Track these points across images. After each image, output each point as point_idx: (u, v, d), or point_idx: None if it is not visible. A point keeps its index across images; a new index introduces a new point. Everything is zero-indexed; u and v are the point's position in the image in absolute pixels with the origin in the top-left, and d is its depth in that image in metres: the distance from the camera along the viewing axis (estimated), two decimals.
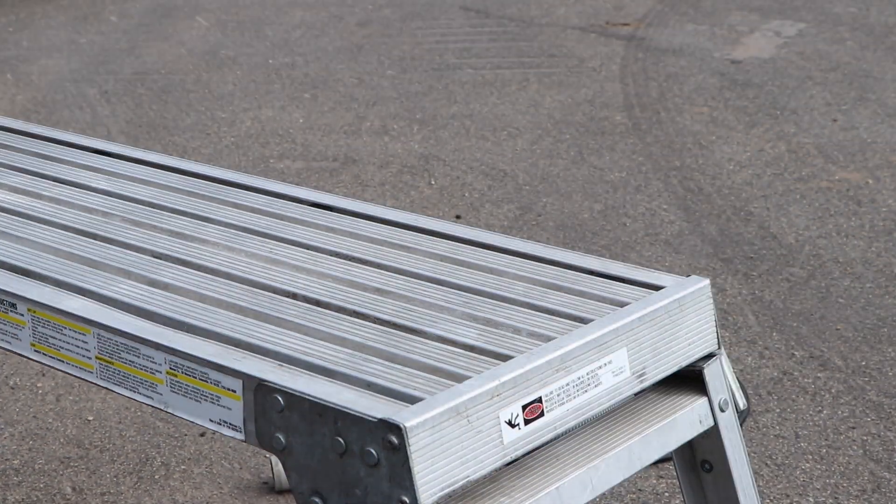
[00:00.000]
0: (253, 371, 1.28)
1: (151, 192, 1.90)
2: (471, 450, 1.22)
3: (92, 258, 1.64)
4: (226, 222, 1.79)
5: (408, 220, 1.76)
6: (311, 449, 1.23)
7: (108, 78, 5.77)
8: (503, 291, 1.55)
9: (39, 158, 2.11)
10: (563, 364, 1.31)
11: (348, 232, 1.74)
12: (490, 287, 1.56)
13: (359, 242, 1.70)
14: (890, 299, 3.47)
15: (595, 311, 1.45)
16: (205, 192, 1.91)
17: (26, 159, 2.11)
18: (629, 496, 2.61)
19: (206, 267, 1.62)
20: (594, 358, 1.35)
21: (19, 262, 1.62)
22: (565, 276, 1.59)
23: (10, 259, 1.63)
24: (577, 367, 1.33)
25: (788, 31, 6.42)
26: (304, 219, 1.79)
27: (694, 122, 5.03)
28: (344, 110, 5.28)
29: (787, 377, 3.07)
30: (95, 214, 1.82)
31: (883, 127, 4.94)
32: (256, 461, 2.75)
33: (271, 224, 1.78)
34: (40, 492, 2.67)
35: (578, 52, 6.10)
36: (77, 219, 1.79)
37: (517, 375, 1.26)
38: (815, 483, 2.65)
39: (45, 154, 2.13)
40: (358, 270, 1.61)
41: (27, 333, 1.48)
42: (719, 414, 1.50)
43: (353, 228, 1.75)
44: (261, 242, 1.71)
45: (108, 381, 1.41)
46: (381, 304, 1.50)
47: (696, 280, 1.52)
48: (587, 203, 4.20)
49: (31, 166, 2.06)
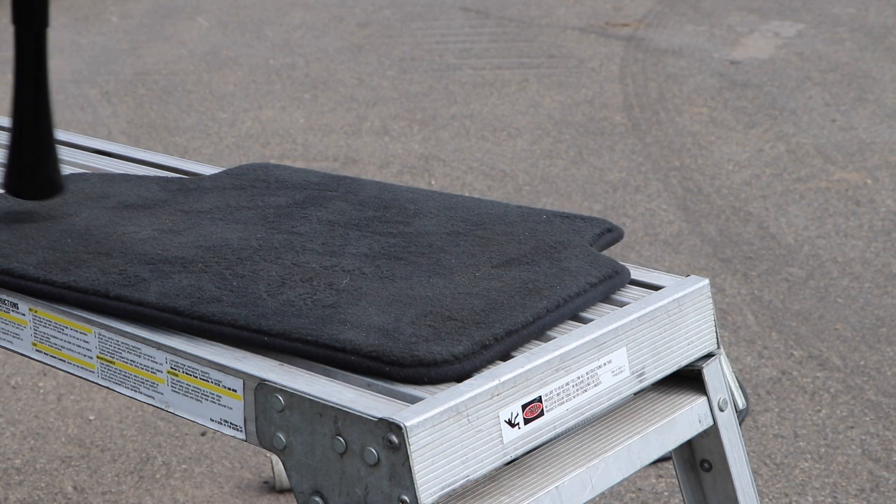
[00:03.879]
0: (253, 371, 1.28)
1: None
2: (471, 449, 1.22)
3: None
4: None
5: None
6: (312, 448, 1.23)
7: (109, 78, 5.77)
8: None
9: None
10: (563, 363, 1.32)
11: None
12: None
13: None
14: (888, 299, 3.48)
15: (594, 311, 1.46)
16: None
17: None
18: (629, 495, 2.62)
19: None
20: (594, 357, 1.36)
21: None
22: None
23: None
24: (577, 367, 1.34)
25: (787, 31, 6.42)
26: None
27: (693, 123, 5.04)
28: (344, 111, 5.28)
29: (786, 377, 3.08)
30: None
31: (882, 127, 4.95)
32: (257, 460, 2.76)
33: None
34: (42, 491, 2.68)
35: (578, 52, 6.10)
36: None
37: (517, 375, 1.27)
38: (813, 482, 2.66)
39: None
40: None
41: (28, 333, 1.48)
42: (718, 413, 1.50)
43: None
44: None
45: (110, 381, 1.42)
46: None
47: (696, 280, 1.52)
48: (587, 203, 4.20)
49: None
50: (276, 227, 1.62)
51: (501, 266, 1.48)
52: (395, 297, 1.39)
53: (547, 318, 1.38)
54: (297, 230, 1.61)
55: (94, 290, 1.42)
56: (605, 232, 1.62)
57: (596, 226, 1.62)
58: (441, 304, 1.37)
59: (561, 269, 1.47)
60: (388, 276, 1.45)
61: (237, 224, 1.62)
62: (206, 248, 1.53)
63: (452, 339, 1.29)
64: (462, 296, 1.39)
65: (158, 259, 1.49)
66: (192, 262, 1.48)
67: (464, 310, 1.35)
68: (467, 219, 1.64)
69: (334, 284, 1.42)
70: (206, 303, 1.37)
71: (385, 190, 1.76)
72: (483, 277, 1.45)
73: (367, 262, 1.48)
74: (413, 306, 1.36)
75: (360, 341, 1.28)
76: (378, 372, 1.25)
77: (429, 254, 1.52)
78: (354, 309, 1.35)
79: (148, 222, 1.64)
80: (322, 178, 1.82)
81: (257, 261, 1.50)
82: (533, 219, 1.64)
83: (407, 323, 1.32)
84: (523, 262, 1.50)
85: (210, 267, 1.47)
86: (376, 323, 1.32)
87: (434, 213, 1.66)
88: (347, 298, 1.38)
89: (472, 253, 1.52)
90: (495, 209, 1.67)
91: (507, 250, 1.53)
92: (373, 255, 1.51)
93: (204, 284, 1.42)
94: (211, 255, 1.51)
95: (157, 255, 1.51)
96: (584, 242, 1.56)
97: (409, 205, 1.69)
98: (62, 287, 1.44)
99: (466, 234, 1.59)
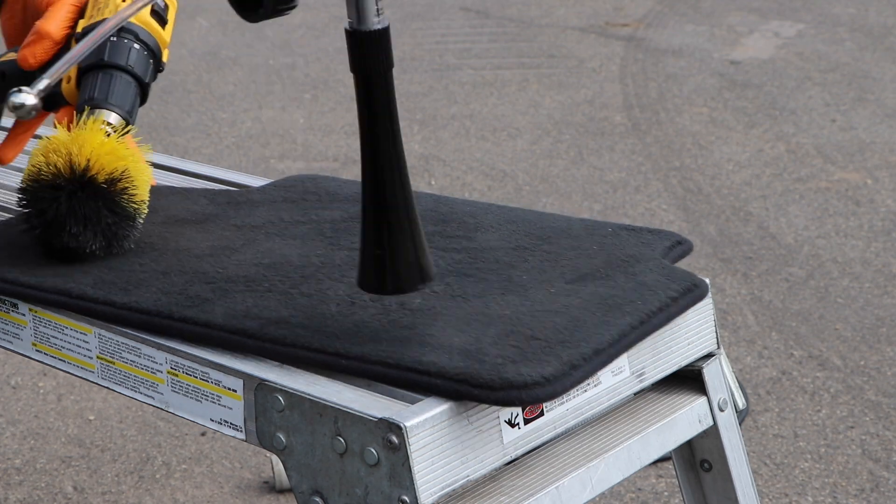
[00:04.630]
0: (253, 371, 1.28)
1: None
2: (471, 449, 1.22)
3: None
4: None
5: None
6: (312, 448, 1.23)
7: None
8: None
9: None
10: None
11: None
12: None
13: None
14: (888, 299, 3.48)
15: None
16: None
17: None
18: (629, 495, 2.62)
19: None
20: None
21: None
22: None
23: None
24: None
25: (787, 31, 6.42)
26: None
27: (693, 123, 5.04)
28: (344, 111, 5.28)
29: (786, 377, 3.08)
30: None
31: (882, 127, 4.95)
32: (257, 461, 2.76)
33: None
34: (42, 491, 2.68)
35: (578, 52, 6.11)
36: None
37: None
38: (813, 482, 2.66)
39: None
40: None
41: (28, 333, 1.48)
42: (718, 413, 1.50)
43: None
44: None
45: (110, 381, 1.42)
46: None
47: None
48: (587, 203, 4.20)
49: None
50: (335, 242, 1.56)
51: (575, 282, 1.44)
52: (472, 317, 1.34)
53: (632, 334, 1.35)
54: (358, 246, 1.58)
55: (157, 311, 1.37)
56: (675, 245, 1.57)
57: (665, 238, 1.58)
58: (521, 322, 1.33)
59: (638, 284, 1.43)
60: (460, 294, 1.41)
61: (294, 240, 1.58)
62: (266, 265, 1.49)
63: (540, 360, 1.24)
64: (541, 313, 1.35)
65: (219, 278, 1.45)
66: (254, 281, 1.44)
67: (546, 328, 1.31)
68: (531, 233, 1.59)
69: (406, 304, 1.38)
70: (274, 324, 1.33)
71: (441, 203, 1.70)
72: (559, 294, 1.41)
73: (436, 280, 1.41)
74: (492, 325, 1.32)
75: (444, 363, 1.23)
76: (466, 395, 1.21)
77: (497, 270, 1.48)
78: (432, 329, 1.31)
79: (201, 238, 1.59)
80: None
81: (321, 279, 1.44)
82: (598, 232, 1.60)
83: (489, 343, 1.28)
84: (597, 276, 1.45)
85: (275, 286, 1.42)
86: (457, 344, 1.28)
87: (495, 228, 1.61)
88: (423, 318, 1.34)
89: (543, 268, 1.48)
90: (558, 222, 1.63)
91: (579, 265, 1.49)
92: (440, 272, 1.46)
93: (270, 304, 1.38)
94: (273, 273, 1.46)
95: (218, 274, 1.46)
96: (656, 255, 1.52)
97: (468, 218, 1.64)
98: (123, 308, 1.39)
99: (533, 248, 1.54)
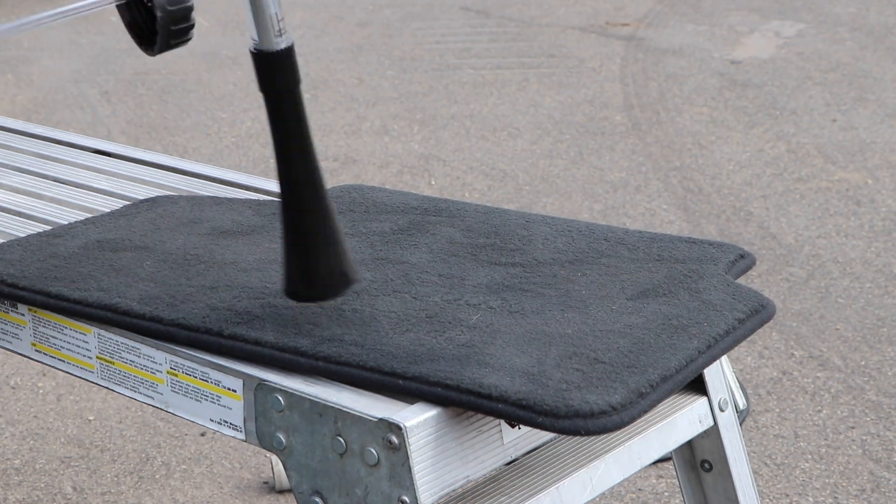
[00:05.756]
0: (253, 371, 1.28)
1: (152, 193, 1.91)
2: (471, 449, 1.22)
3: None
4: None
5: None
6: (312, 449, 1.23)
7: (108, 78, 5.77)
8: None
9: (40, 158, 2.11)
10: None
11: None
12: None
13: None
14: (889, 299, 3.48)
15: None
16: (205, 192, 1.91)
17: (27, 159, 2.11)
18: (629, 496, 2.62)
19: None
20: None
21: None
22: None
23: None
24: None
25: (788, 31, 6.42)
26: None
27: (694, 123, 5.04)
28: (344, 110, 5.28)
29: (787, 377, 3.08)
30: (96, 215, 1.82)
31: (882, 127, 4.95)
32: (257, 461, 2.76)
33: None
34: (41, 491, 2.68)
35: (578, 52, 6.10)
36: (78, 219, 1.79)
37: None
38: (814, 482, 2.66)
39: (46, 154, 2.13)
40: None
41: (28, 333, 1.48)
42: (719, 414, 1.50)
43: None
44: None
45: (109, 381, 1.42)
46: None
47: None
48: (587, 203, 4.20)
49: (31, 166, 2.06)
50: (385, 256, 1.53)
51: (637, 298, 1.41)
52: (532, 335, 1.31)
53: (700, 360, 1.30)
54: (409, 259, 1.52)
55: (206, 328, 1.34)
56: (738, 259, 1.54)
57: (728, 252, 1.54)
58: (584, 343, 1.29)
59: (703, 303, 1.40)
60: (517, 310, 1.37)
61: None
62: None
63: (606, 387, 1.21)
64: (604, 333, 1.32)
65: (268, 293, 1.41)
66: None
67: (610, 351, 1.28)
68: (587, 245, 1.56)
69: (463, 321, 1.34)
70: (326, 342, 1.30)
71: (491, 214, 1.67)
72: (621, 312, 1.37)
73: (492, 295, 1.40)
74: (554, 345, 1.29)
75: (505, 387, 1.20)
76: (528, 422, 1.17)
77: (555, 284, 1.44)
78: (491, 349, 1.28)
79: (248, 251, 1.56)
80: (421, 202, 1.72)
81: (373, 294, 1.41)
82: (657, 244, 1.56)
83: (552, 366, 1.24)
84: (660, 293, 1.42)
85: (325, 301, 1.39)
86: (518, 365, 1.24)
87: (550, 240, 1.58)
88: (481, 336, 1.30)
89: (602, 283, 1.44)
90: (613, 234, 1.59)
91: (639, 280, 1.46)
92: (495, 287, 1.43)
93: (321, 321, 1.34)
94: None
95: (266, 289, 1.43)
96: (720, 271, 1.48)
97: (520, 230, 1.61)
98: (171, 325, 1.36)
99: (591, 262, 1.51)
